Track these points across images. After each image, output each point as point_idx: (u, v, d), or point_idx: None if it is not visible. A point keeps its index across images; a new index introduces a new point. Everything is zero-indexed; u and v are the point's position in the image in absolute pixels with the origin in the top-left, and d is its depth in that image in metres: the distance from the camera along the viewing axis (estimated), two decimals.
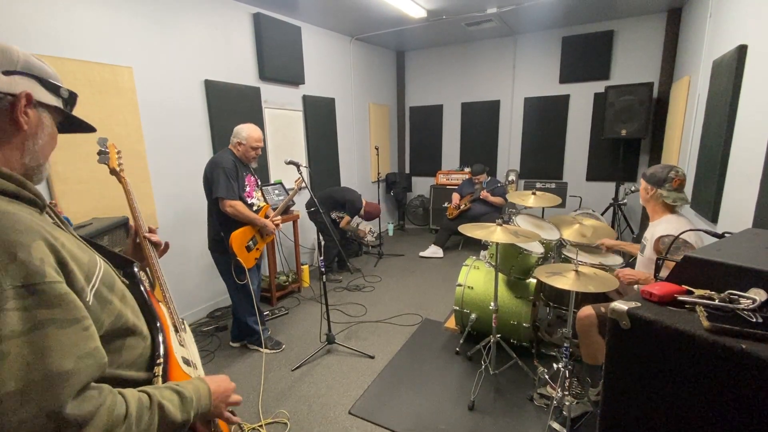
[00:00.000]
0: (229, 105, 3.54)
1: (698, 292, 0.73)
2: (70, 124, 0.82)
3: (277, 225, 2.76)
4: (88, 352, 0.62)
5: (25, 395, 0.54)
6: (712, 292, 0.71)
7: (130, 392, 0.68)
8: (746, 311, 0.65)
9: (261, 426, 2.14)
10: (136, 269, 0.94)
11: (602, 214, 4.54)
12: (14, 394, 0.54)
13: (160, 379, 0.80)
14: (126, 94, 2.78)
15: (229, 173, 2.51)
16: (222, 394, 0.86)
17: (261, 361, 2.76)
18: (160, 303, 1.01)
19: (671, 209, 2.00)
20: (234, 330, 2.96)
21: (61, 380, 0.57)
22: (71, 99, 0.80)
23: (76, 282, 0.65)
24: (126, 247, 1.17)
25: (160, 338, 0.86)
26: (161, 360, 0.83)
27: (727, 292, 0.70)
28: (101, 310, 0.70)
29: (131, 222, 1.16)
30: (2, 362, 0.54)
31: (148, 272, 1.13)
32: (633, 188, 4.77)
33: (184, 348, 1.00)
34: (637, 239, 4.65)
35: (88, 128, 0.85)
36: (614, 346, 0.75)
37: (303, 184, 2.82)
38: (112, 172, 1.18)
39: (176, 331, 1.01)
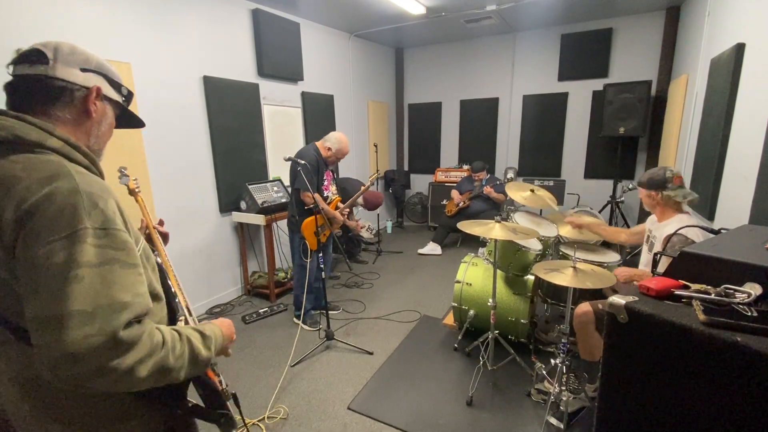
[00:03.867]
0: (227, 101, 3.54)
1: (695, 286, 0.74)
2: (125, 119, 0.96)
3: (344, 215, 3.15)
4: (140, 293, 0.74)
5: (92, 315, 0.65)
6: (708, 287, 0.72)
7: (164, 327, 0.79)
8: (742, 305, 0.66)
9: (263, 419, 2.16)
10: (156, 255, 1.06)
11: (600, 212, 4.55)
12: (83, 313, 0.64)
13: (183, 322, 0.96)
14: None
15: (308, 168, 2.77)
16: (229, 335, 0.98)
17: (257, 357, 2.78)
18: (177, 288, 1.12)
19: (681, 208, 2.01)
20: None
21: (121, 308, 0.68)
22: (129, 97, 0.94)
23: (131, 237, 0.78)
24: None
25: (177, 302, 1.00)
26: (184, 317, 0.99)
27: (722, 287, 0.71)
28: (145, 269, 0.82)
29: (142, 218, 1.29)
30: (78, 284, 0.65)
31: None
32: (630, 186, 4.79)
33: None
34: None
35: (139, 123, 1.00)
36: (612, 340, 0.76)
37: (375, 179, 3.30)
38: (131, 192, 1.40)
39: (189, 314, 1.12)
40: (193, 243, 3.38)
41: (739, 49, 2.45)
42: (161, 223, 1.33)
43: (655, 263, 0.93)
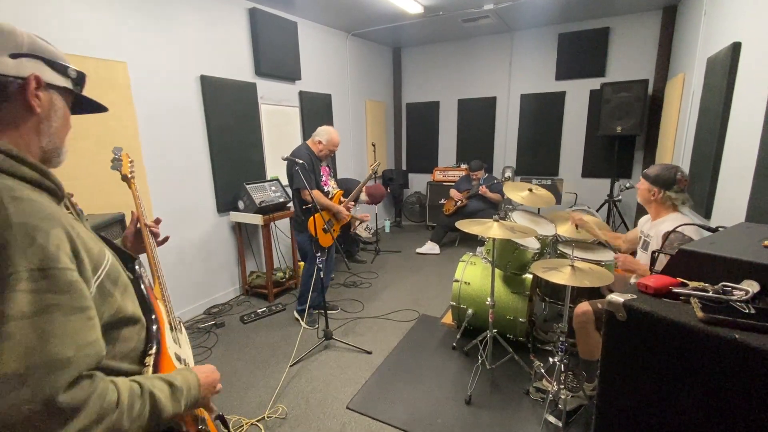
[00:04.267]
0: (224, 101, 3.53)
1: (692, 284, 0.74)
2: (81, 105, 0.82)
3: (348, 209, 3.17)
4: (89, 342, 0.62)
5: (22, 378, 0.54)
6: (706, 284, 0.72)
7: (121, 380, 0.68)
8: (739, 302, 0.67)
9: (262, 419, 2.15)
10: (137, 266, 0.96)
11: (597, 211, 4.57)
12: (12, 376, 0.54)
13: (150, 369, 0.80)
14: (120, 90, 2.76)
15: (305, 167, 2.77)
16: (210, 384, 0.87)
17: (256, 357, 2.77)
18: (158, 300, 1.01)
19: (676, 208, 2.02)
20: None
21: (60, 367, 0.57)
22: (80, 79, 0.80)
23: (84, 271, 0.66)
24: (126, 231, 1.19)
25: (155, 330, 0.87)
26: (153, 352, 0.83)
27: (720, 284, 0.71)
28: (102, 302, 0.71)
29: (133, 211, 1.20)
30: (5, 342, 0.54)
31: (149, 272, 1.14)
32: (628, 185, 4.80)
33: (177, 346, 1.00)
34: None
35: (99, 108, 0.86)
36: (610, 338, 0.76)
37: (377, 168, 3.35)
38: (124, 178, 1.24)
39: (172, 329, 1.02)
40: (191, 243, 3.37)
41: (735, 48, 2.46)
42: (157, 221, 1.25)
43: (653, 261, 0.93)
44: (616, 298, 0.74)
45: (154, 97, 2.99)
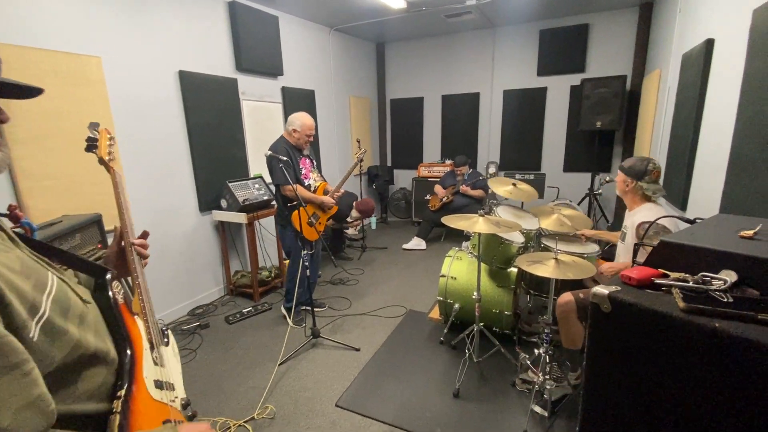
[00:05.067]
0: (205, 97, 3.44)
1: (674, 275, 0.76)
2: (7, 91, 0.67)
3: (337, 195, 3.11)
4: (29, 402, 0.53)
5: None
6: (687, 275, 0.74)
7: None
8: (718, 292, 0.69)
9: (251, 420, 2.13)
10: (108, 277, 0.84)
11: (579, 204, 4.67)
12: None
13: (118, 416, 0.69)
14: (95, 86, 2.66)
15: (279, 162, 2.68)
16: None
17: (243, 357, 2.74)
18: (136, 316, 0.91)
19: (648, 199, 2.08)
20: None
21: None
22: None
23: (15, 318, 0.55)
24: (108, 251, 1.04)
25: (127, 361, 0.77)
26: (122, 392, 0.72)
27: (700, 274, 0.73)
28: (51, 344, 0.61)
29: (117, 224, 1.03)
30: None
31: (123, 282, 1.00)
32: (608, 179, 4.91)
33: (159, 367, 0.91)
34: (612, 228, 4.81)
35: (29, 92, 0.68)
36: (595, 330, 0.77)
37: (362, 156, 3.33)
38: (101, 161, 1.04)
39: (153, 348, 0.92)
40: (173, 243, 3.30)
41: (709, 44, 2.53)
42: (145, 235, 1.06)
43: (635, 253, 0.96)
44: (601, 290, 0.75)
45: (131, 93, 2.90)
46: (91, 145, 1.04)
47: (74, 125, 2.54)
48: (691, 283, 0.72)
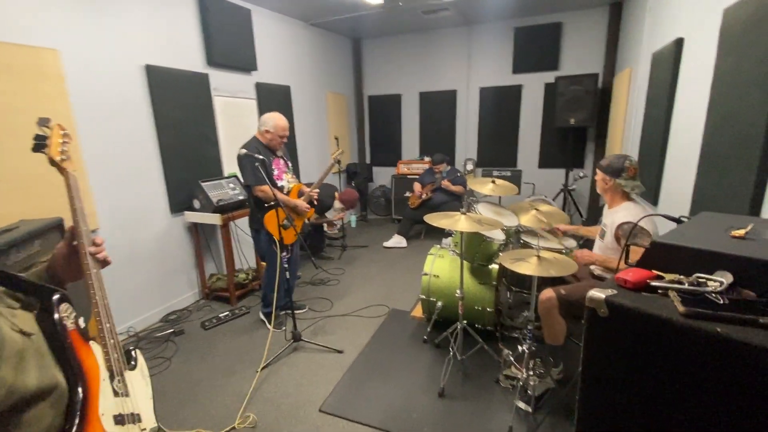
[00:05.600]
0: (174, 93, 3.28)
1: (668, 276, 0.76)
2: None
3: (314, 199, 3.03)
4: None
5: None
6: (681, 276, 0.74)
7: None
8: (714, 294, 0.68)
9: (231, 429, 2.04)
10: (55, 300, 0.75)
11: (554, 200, 4.77)
12: None
13: None
14: (52, 81, 2.47)
15: (253, 161, 2.58)
16: None
17: (220, 364, 2.64)
18: (92, 342, 0.81)
19: (628, 197, 2.12)
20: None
21: None
22: None
23: None
24: (56, 250, 0.92)
25: (78, 400, 0.68)
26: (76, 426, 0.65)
27: (694, 276, 0.73)
28: None
29: (69, 224, 0.93)
30: None
31: (74, 306, 0.85)
32: (581, 174, 5.05)
33: (121, 398, 0.82)
34: (587, 223, 4.94)
35: None
36: (592, 334, 0.76)
37: (339, 157, 3.25)
38: (52, 163, 0.92)
39: (113, 377, 0.83)
40: (142, 247, 3.13)
41: (679, 43, 2.61)
42: (97, 244, 0.93)
43: (627, 254, 0.95)
44: (598, 294, 0.74)
45: (94, 88, 2.72)
46: (40, 144, 0.92)
47: (30, 123, 2.34)
48: (686, 285, 0.71)
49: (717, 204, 1.94)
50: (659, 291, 0.73)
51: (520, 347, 2.24)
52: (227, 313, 3.27)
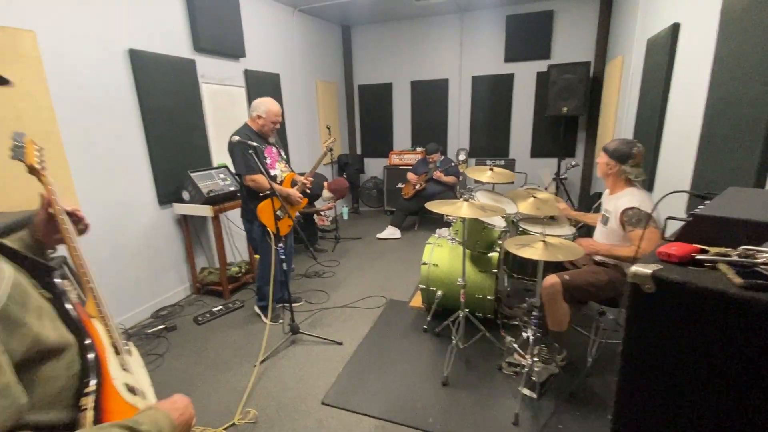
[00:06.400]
0: (160, 79, 3.13)
1: (713, 250, 0.72)
2: None
3: (306, 186, 2.89)
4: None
5: None
6: (728, 249, 0.71)
7: None
8: (764, 265, 0.65)
9: (231, 426, 1.97)
10: (57, 279, 0.76)
11: (546, 189, 4.78)
12: None
13: (89, 413, 0.62)
14: (28, 63, 2.32)
15: (246, 149, 2.47)
16: (186, 422, 0.72)
17: (216, 360, 2.56)
18: (93, 320, 0.81)
19: (631, 183, 2.10)
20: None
21: None
22: None
23: None
24: (35, 217, 0.92)
25: (92, 359, 0.68)
26: (92, 389, 0.65)
27: (741, 248, 0.69)
28: (10, 335, 0.57)
29: (42, 193, 0.92)
30: None
31: (76, 284, 0.88)
32: (573, 163, 5.07)
33: (127, 373, 0.81)
34: (578, 211, 4.97)
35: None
36: (635, 312, 0.72)
37: (332, 145, 3.10)
38: (31, 170, 0.94)
39: (117, 353, 0.82)
40: (129, 241, 3.00)
41: (675, 28, 2.60)
42: (74, 214, 0.95)
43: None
44: (642, 269, 0.70)
45: (74, 73, 2.57)
46: (18, 153, 0.90)
47: (8, 108, 2.20)
48: (736, 258, 0.68)
49: (720, 185, 1.94)
50: (707, 264, 0.70)
51: (524, 334, 2.23)
52: (221, 307, 3.18)
